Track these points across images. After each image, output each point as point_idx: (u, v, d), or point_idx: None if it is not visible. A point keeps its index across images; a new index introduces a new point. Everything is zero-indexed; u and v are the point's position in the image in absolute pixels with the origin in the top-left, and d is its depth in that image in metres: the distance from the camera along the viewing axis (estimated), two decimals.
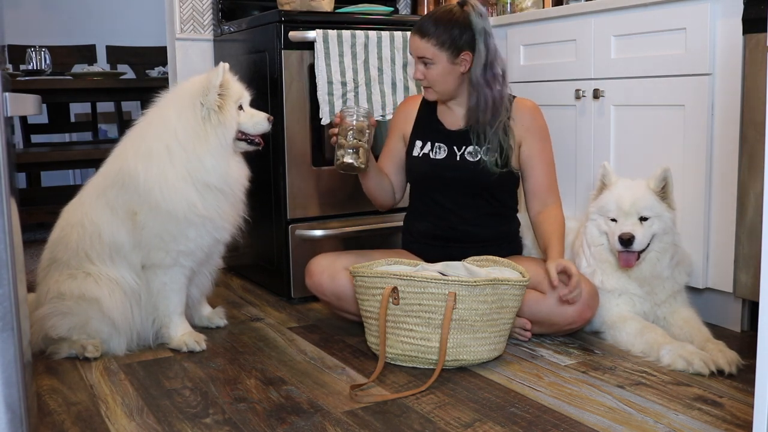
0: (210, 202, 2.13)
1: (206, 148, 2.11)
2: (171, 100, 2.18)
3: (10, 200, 1.09)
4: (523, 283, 1.98)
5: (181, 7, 3.09)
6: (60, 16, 5.25)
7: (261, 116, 2.23)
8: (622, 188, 2.16)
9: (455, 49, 2.14)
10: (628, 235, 2.07)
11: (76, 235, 2.12)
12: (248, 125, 2.20)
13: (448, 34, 2.13)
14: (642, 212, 2.10)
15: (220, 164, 2.13)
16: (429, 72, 2.17)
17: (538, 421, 1.66)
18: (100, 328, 2.10)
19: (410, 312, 1.94)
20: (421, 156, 2.29)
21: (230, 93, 2.15)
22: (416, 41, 2.17)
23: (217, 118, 2.11)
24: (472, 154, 2.23)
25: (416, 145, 2.32)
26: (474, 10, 2.16)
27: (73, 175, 5.09)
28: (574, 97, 2.57)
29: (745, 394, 1.77)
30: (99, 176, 2.19)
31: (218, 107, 2.12)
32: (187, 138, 2.10)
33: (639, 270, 2.15)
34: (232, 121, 2.14)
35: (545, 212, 2.25)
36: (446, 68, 2.16)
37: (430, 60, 2.15)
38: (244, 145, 2.23)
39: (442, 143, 2.27)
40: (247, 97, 2.24)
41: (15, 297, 1.07)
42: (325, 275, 2.24)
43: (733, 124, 2.11)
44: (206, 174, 2.11)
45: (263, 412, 1.74)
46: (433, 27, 2.14)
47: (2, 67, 1.21)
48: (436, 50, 2.14)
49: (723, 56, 2.13)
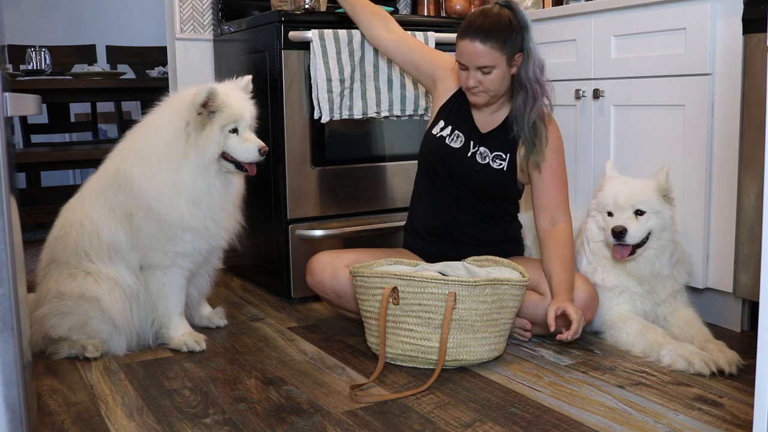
0: (199, 213, 2.11)
1: (186, 164, 2.06)
2: (166, 107, 2.16)
3: (10, 200, 1.08)
4: (523, 283, 1.98)
5: (181, 7, 3.09)
6: (60, 16, 5.25)
7: (252, 144, 2.11)
8: (619, 183, 2.17)
9: (512, 51, 2.09)
10: (620, 228, 2.08)
11: (75, 234, 2.12)
12: (235, 151, 2.10)
13: (506, 37, 2.07)
14: (637, 206, 2.11)
15: (199, 182, 2.08)
16: (486, 78, 2.10)
17: (538, 421, 1.66)
18: (100, 328, 2.10)
19: (410, 312, 1.94)
20: (438, 137, 2.27)
21: (221, 115, 2.06)
22: (477, 48, 2.06)
23: (195, 137, 2.05)
24: (481, 156, 2.22)
25: (438, 124, 2.29)
26: (518, 8, 2.11)
27: (73, 175, 5.09)
28: (574, 97, 2.57)
29: (745, 394, 1.77)
30: (98, 175, 2.19)
31: (200, 126, 2.06)
32: (171, 150, 2.07)
33: (638, 267, 2.15)
34: (211, 143, 2.06)
35: (554, 231, 2.18)
36: (504, 72, 2.11)
37: (492, 66, 2.08)
38: (230, 167, 2.13)
39: (462, 134, 2.25)
40: (247, 120, 2.13)
41: (15, 297, 1.07)
42: (326, 273, 2.24)
43: (733, 124, 2.11)
44: (187, 188, 2.08)
45: (263, 412, 1.74)
46: (493, 32, 2.06)
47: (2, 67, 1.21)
48: (498, 55, 2.07)
49: (723, 56, 2.13)
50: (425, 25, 2.85)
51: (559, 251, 2.14)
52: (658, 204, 2.12)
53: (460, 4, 3.23)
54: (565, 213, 2.21)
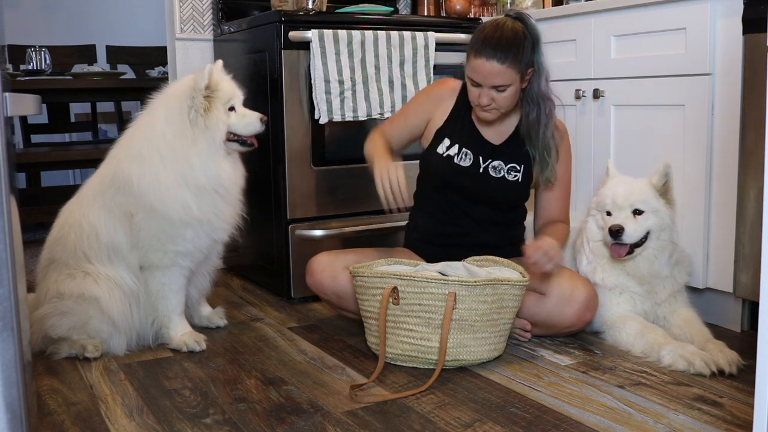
0: (205, 204, 2.12)
1: (195, 151, 2.08)
2: (160, 103, 2.16)
3: (10, 200, 1.08)
4: (523, 283, 1.98)
5: (181, 7, 3.09)
6: (60, 16, 5.24)
7: (253, 116, 2.18)
8: (617, 183, 2.18)
9: (526, 67, 2.04)
10: (617, 227, 2.08)
11: (74, 236, 2.12)
12: (239, 126, 2.16)
13: (522, 54, 2.01)
14: (636, 205, 2.11)
15: (210, 167, 2.10)
16: (500, 96, 2.05)
17: (538, 421, 1.66)
18: (99, 328, 2.10)
19: (410, 312, 1.94)
20: (444, 156, 2.20)
21: (219, 94, 2.11)
22: (495, 68, 2.00)
23: (203, 121, 2.08)
24: (495, 170, 2.19)
25: (444, 143, 2.22)
26: (530, 20, 2.06)
27: (73, 175, 5.08)
28: (574, 97, 2.57)
29: (745, 394, 1.77)
30: (96, 178, 2.19)
31: (204, 110, 2.08)
32: (176, 141, 2.08)
33: (637, 267, 2.15)
34: (220, 123, 2.11)
35: (550, 223, 2.24)
36: (518, 88, 2.07)
37: (506, 85, 2.03)
38: (236, 146, 2.19)
39: (471, 151, 2.20)
40: (240, 96, 2.20)
41: (15, 297, 1.07)
42: (325, 274, 2.24)
43: (733, 124, 2.11)
44: (198, 176, 2.09)
45: (263, 412, 1.74)
46: (511, 51, 2.00)
47: (2, 67, 1.21)
48: (513, 73, 2.02)
49: (723, 56, 2.13)
50: (425, 25, 2.85)
51: (550, 227, 2.22)
52: (657, 203, 2.12)
53: (460, 4, 3.23)
54: (565, 218, 2.28)
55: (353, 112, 2.65)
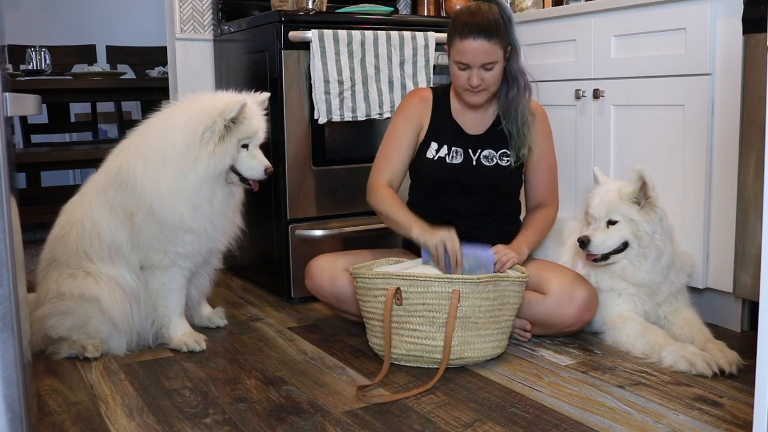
0: (200, 216, 2.11)
1: (194, 170, 2.06)
2: (185, 108, 2.15)
3: (10, 200, 1.08)
4: (522, 279, 2.00)
5: (181, 7, 3.09)
6: (60, 16, 5.24)
7: (259, 163, 2.14)
8: (596, 192, 2.21)
9: (506, 45, 2.12)
10: (584, 238, 2.13)
11: (76, 234, 2.12)
12: (243, 166, 2.13)
13: (502, 32, 2.10)
14: (609, 216, 2.13)
15: (203, 191, 2.09)
16: (488, 75, 2.11)
17: (538, 421, 1.66)
18: (100, 328, 2.10)
19: (414, 312, 1.94)
20: (436, 159, 2.23)
21: (240, 128, 2.08)
22: (483, 46, 2.07)
23: (213, 147, 2.06)
24: (488, 159, 2.22)
25: (431, 147, 2.24)
26: (502, 2, 2.15)
27: (73, 175, 5.08)
28: (574, 97, 2.57)
29: (745, 394, 1.77)
30: (101, 173, 2.19)
31: (219, 138, 2.06)
32: (182, 152, 2.07)
33: (624, 272, 2.15)
34: (227, 156, 2.08)
35: (538, 209, 2.30)
36: (502, 66, 2.14)
37: (494, 62, 2.10)
38: (236, 180, 2.16)
39: (459, 147, 2.23)
40: (260, 138, 2.16)
41: (15, 297, 1.07)
42: (324, 277, 2.24)
43: (733, 124, 2.11)
44: (190, 192, 2.08)
45: (263, 412, 1.74)
46: (493, 28, 2.08)
47: (2, 67, 1.21)
48: (498, 50, 2.09)
49: (723, 56, 2.13)
50: (425, 25, 2.85)
51: (533, 220, 2.27)
52: (629, 211, 2.10)
53: (460, 4, 3.23)
54: (553, 199, 2.33)
55: (352, 113, 2.65)
